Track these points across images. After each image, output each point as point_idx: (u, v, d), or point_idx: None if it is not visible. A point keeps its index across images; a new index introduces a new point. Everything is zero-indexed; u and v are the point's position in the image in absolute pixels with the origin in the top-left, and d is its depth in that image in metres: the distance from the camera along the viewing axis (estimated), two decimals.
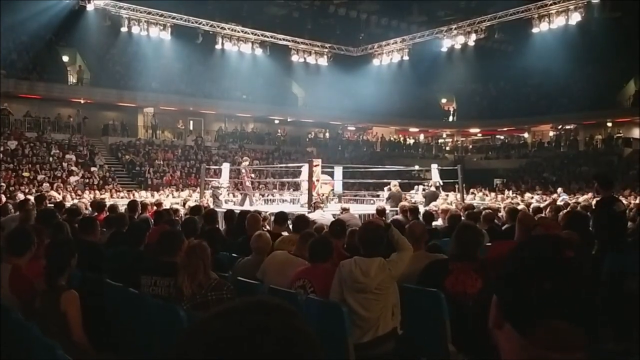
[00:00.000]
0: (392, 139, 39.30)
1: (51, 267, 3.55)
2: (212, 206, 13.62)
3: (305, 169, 15.23)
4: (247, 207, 14.40)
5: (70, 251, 3.69)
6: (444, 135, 42.26)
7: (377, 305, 3.65)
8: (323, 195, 15.48)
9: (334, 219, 9.04)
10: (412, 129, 40.75)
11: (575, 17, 21.11)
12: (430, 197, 14.79)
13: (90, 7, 21.64)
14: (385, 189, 15.03)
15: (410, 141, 40.39)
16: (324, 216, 9.79)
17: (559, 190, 20.92)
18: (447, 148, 40.80)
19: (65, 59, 29.96)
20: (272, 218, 8.58)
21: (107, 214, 8.51)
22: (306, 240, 4.68)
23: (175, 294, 3.65)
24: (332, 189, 15.79)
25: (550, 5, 21.71)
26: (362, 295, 3.65)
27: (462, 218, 8.51)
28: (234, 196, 16.81)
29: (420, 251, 4.50)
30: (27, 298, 3.61)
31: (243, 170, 15.93)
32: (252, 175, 15.38)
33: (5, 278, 3.72)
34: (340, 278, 3.77)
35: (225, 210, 9.78)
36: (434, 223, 8.66)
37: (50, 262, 3.59)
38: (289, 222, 7.28)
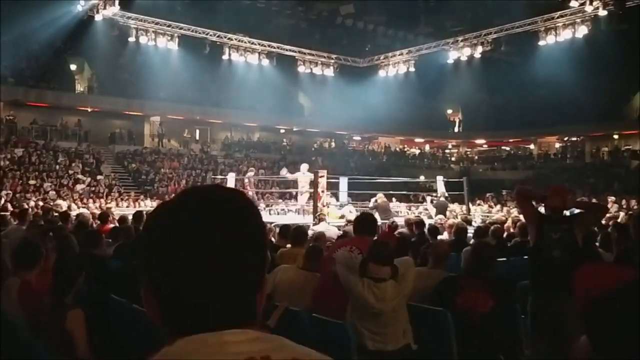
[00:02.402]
0: (397, 149, 39.32)
1: (58, 284, 3.53)
2: None
3: (300, 176, 15.22)
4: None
5: (77, 269, 3.67)
6: (450, 146, 42.23)
7: (390, 325, 3.60)
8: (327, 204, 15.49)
9: (339, 232, 9.08)
10: (418, 140, 40.76)
11: (582, 31, 21.09)
12: (441, 208, 14.79)
13: (98, 17, 21.79)
14: (372, 200, 14.95)
15: (416, 151, 40.39)
16: (329, 229, 9.75)
17: None
18: (453, 159, 40.74)
19: (73, 67, 30.16)
20: (277, 230, 8.53)
21: (113, 225, 8.54)
22: (312, 254, 4.66)
23: None
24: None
25: (557, 18, 21.71)
26: (376, 319, 3.59)
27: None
28: None
29: (438, 270, 4.49)
30: (37, 313, 3.58)
31: (247, 180, 15.94)
32: (255, 190, 15.39)
33: (14, 293, 3.70)
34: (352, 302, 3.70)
35: None
36: (439, 237, 8.63)
37: (57, 279, 3.56)
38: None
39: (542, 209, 5.01)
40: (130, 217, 9.65)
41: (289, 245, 6.26)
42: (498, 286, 3.98)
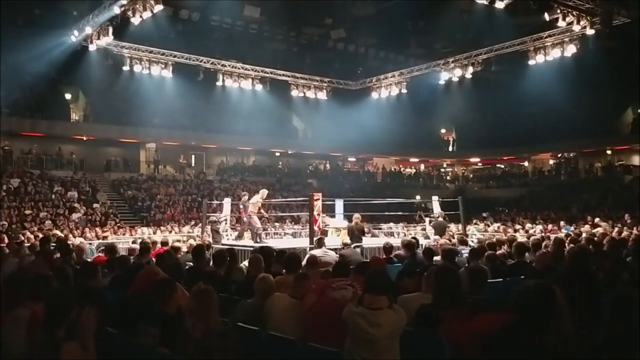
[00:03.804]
0: (392, 169, 39.48)
1: (49, 318, 3.48)
2: (211, 242, 13.63)
3: (256, 198, 15.22)
4: (249, 242, 14.39)
5: (68, 301, 3.61)
6: (445, 165, 42.43)
7: (384, 353, 3.58)
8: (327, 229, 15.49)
9: (337, 258, 9.07)
10: (413, 159, 40.98)
11: (571, 49, 21.32)
12: (439, 228, 14.75)
13: (92, 47, 21.90)
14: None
15: (411, 171, 40.55)
16: (327, 253, 9.74)
17: (562, 223, 20.91)
18: (448, 178, 40.89)
19: (67, 96, 30.39)
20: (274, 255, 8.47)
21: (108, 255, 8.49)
22: (301, 282, 4.67)
23: (182, 336, 3.62)
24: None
25: (546, 37, 21.98)
26: (371, 346, 3.57)
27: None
28: (234, 231, 16.75)
29: (427, 294, 4.39)
30: (37, 346, 3.54)
31: (241, 206, 15.91)
32: (254, 211, 15.33)
33: (22, 323, 3.65)
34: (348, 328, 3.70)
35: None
36: (435, 258, 8.62)
37: (48, 312, 3.50)
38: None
39: None
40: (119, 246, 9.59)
41: (284, 271, 6.27)
42: (476, 313, 3.74)
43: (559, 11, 19.52)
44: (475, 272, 5.68)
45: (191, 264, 7.73)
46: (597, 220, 19.96)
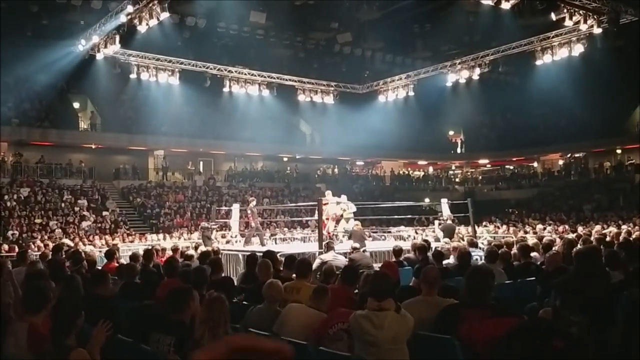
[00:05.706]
0: (401, 172, 39.39)
1: (56, 326, 3.49)
2: (203, 247, 13.54)
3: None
4: (258, 247, 14.37)
5: (75, 310, 3.63)
6: (453, 167, 42.28)
7: (390, 357, 3.56)
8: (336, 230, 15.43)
9: (346, 262, 9.03)
10: (421, 162, 40.86)
11: (578, 49, 21.17)
12: (448, 230, 14.66)
13: (100, 56, 22.03)
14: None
15: (420, 174, 40.44)
16: (336, 257, 9.68)
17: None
18: (457, 180, 40.73)
19: (76, 105, 30.62)
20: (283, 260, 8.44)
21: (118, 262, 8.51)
22: (321, 295, 4.66)
23: (191, 346, 3.61)
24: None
25: (553, 37, 21.86)
26: (376, 350, 3.55)
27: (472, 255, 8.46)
28: (242, 237, 16.73)
29: (432, 297, 4.38)
30: (44, 357, 3.54)
31: (249, 211, 15.89)
32: (259, 220, 15.29)
33: (22, 337, 3.66)
34: (352, 333, 3.69)
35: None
36: (445, 261, 8.57)
37: (55, 321, 3.52)
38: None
39: None
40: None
41: (294, 276, 6.24)
42: (500, 313, 3.77)
43: (565, 10, 19.38)
44: None
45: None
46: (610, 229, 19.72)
